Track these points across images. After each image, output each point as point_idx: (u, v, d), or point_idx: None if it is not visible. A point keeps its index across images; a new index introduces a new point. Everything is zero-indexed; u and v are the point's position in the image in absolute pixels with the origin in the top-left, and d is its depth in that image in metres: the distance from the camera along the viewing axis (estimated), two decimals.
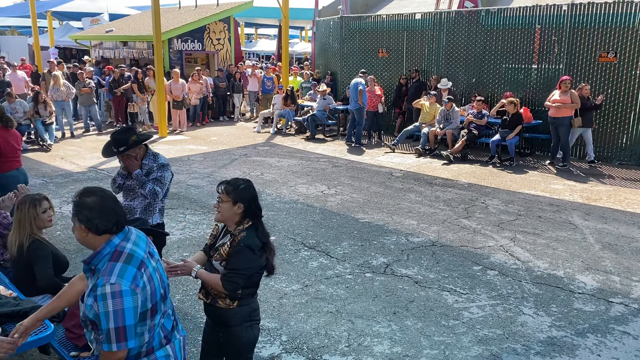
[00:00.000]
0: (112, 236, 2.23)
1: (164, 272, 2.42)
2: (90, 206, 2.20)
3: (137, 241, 2.30)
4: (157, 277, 2.30)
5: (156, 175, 4.21)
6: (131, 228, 2.37)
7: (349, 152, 11.49)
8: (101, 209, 2.20)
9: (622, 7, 9.72)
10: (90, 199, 2.21)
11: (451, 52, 12.24)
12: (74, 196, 2.26)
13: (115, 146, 4.01)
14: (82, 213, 2.19)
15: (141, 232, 2.42)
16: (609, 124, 10.23)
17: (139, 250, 2.25)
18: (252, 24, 34.66)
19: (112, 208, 2.23)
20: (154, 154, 4.27)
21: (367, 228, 6.67)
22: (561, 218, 7.07)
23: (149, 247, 2.39)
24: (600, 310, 4.61)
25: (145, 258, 2.27)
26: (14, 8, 30.66)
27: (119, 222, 2.24)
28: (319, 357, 3.92)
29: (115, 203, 2.27)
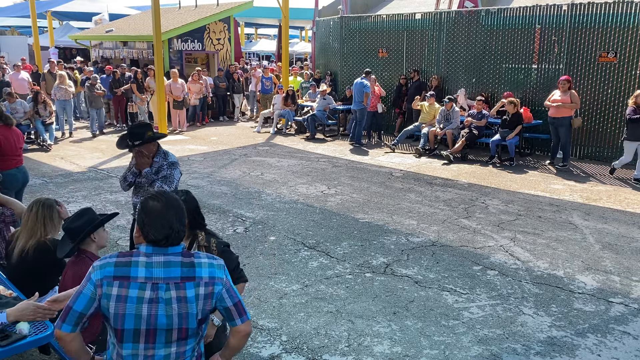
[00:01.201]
0: (144, 245, 2.14)
1: (163, 315, 2.08)
2: (149, 211, 2.12)
3: (155, 266, 2.10)
4: (143, 309, 2.06)
5: (165, 173, 4.28)
6: (173, 254, 2.14)
7: (349, 152, 11.49)
8: (157, 218, 2.10)
9: (622, 7, 9.72)
10: (152, 204, 2.13)
11: (451, 52, 12.24)
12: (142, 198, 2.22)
13: (131, 139, 4.09)
14: (139, 215, 2.14)
15: (177, 265, 2.14)
16: (609, 124, 10.22)
17: (140, 269, 2.08)
18: (252, 24, 34.66)
19: (168, 220, 2.10)
20: (164, 152, 4.35)
21: (367, 228, 6.66)
22: (561, 218, 7.07)
23: (172, 284, 2.10)
24: (600, 310, 4.61)
25: (139, 280, 2.06)
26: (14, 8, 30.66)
27: (171, 237, 2.11)
28: (319, 357, 3.92)
29: (176, 215, 2.13)
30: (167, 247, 2.13)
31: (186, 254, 2.18)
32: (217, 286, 2.16)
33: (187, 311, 2.11)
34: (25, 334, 2.96)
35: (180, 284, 2.10)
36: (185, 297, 2.10)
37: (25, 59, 21.11)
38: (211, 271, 2.17)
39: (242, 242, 6.15)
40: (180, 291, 2.10)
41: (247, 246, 6.04)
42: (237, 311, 2.25)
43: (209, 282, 2.14)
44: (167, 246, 2.12)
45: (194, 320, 2.13)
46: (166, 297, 2.07)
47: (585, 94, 10.33)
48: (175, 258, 2.13)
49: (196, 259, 2.16)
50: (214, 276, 2.16)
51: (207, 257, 2.22)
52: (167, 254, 2.12)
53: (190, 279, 2.12)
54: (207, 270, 2.16)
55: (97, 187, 8.44)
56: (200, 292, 2.13)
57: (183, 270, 2.12)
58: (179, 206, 2.17)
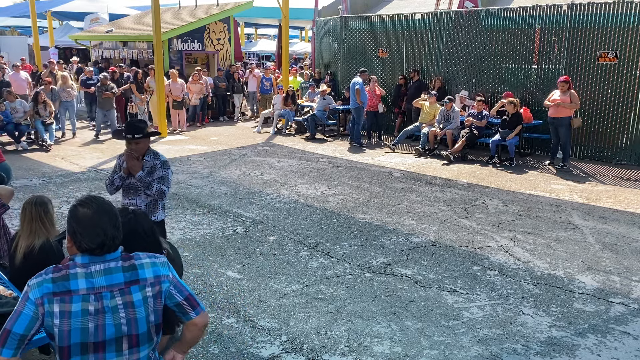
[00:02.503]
0: (80, 255, 2.02)
1: (111, 325, 1.99)
2: (79, 218, 2.00)
3: (96, 275, 1.98)
4: (89, 321, 1.96)
5: (161, 174, 4.28)
6: (112, 260, 2.04)
7: (349, 152, 11.49)
8: (89, 225, 1.98)
9: (622, 7, 9.71)
10: (82, 211, 2.01)
11: (451, 52, 12.24)
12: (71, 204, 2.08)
13: (131, 132, 4.10)
14: (69, 223, 2.02)
15: (118, 270, 2.04)
16: (609, 124, 10.22)
17: (80, 281, 1.96)
18: (252, 24, 34.68)
19: (102, 227, 1.99)
20: (154, 151, 4.35)
21: (367, 228, 6.66)
22: (561, 218, 7.07)
23: (117, 291, 2.01)
24: (600, 310, 4.61)
25: (81, 292, 1.95)
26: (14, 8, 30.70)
27: (106, 244, 2.00)
28: (319, 357, 3.92)
29: (109, 221, 2.03)
30: (103, 255, 2.02)
31: (125, 257, 2.08)
32: (164, 284, 2.10)
33: (135, 316, 2.03)
34: None
35: (124, 289, 2.01)
36: (132, 302, 2.02)
37: (25, 59, 21.12)
38: (155, 270, 2.09)
39: (242, 242, 6.15)
40: (126, 297, 2.01)
41: (247, 246, 6.04)
42: (189, 304, 2.18)
43: (154, 281, 2.07)
44: (103, 254, 2.02)
45: (144, 324, 2.05)
46: (112, 305, 1.98)
47: (585, 94, 10.33)
48: (115, 263, 2.03)
49: (137, 261, 2.08)
50: (159, 274, 2.09)
51: (148, 257, 2.13)
52: (106, 260, 2.02)
53: (135, 282, 2.03)
54: (151, 270, 2.08)
55: (97, 187, 8.44)
56: (147, 294, 2.05)
57: (125, 275, 2.03)
58: (111, 210, 2.06)
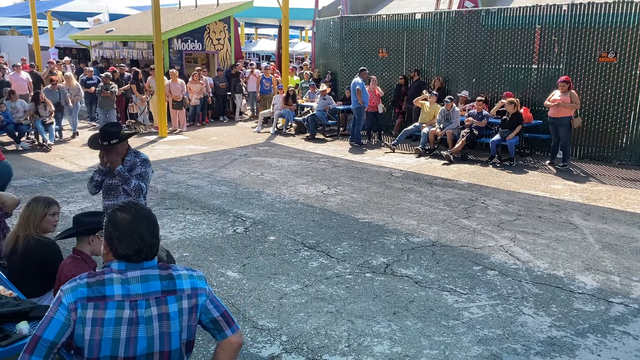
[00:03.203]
0: (116, 261, 1.97)
1: (143, 338, 1.92)
2: (117, 223, 1.95)
3: (132, 281, 1.93)
4: (121, 331, 1.88)
5: (140, 171, 4.29)
6: (149, 268, 1.98)
7: (349, 152, 11.49)
8: (127, 231, 1.94)
9: (622, 7, 9.72)
10: (121, 215, 1.97)
11: (451, 52, 12.24)
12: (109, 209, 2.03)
13: (107, 139, 4.09)
14: (107, 228, 1.98)
15: (155, 278, 1.98)
16: (609, 124, 10.22)
17: (116, 287, 1.90)
18: (252, 24, 34.69)
19: (139, 233, 1.94)
20: (135, 151, 4.36)
21: (367, 228, 6.66)
22: (561, 218, 7.07)
23: (153, 299, 1.94)
24: (600, 310, 4.61)
25: (116, 298, 1.89)
26: (14, 8, 30.68)
27: (143, 251, 1.95)
28: (319, 357, 3.91)
29: (148, 227, 1.97)
30: (141, 262, 1.96)
31: (163, 266, 2.03)
32: (201, 297, 2.02)
33: (169, 330, 1.95)
34: (25, 334, 2.96)
35: (161, 298, 1.94)
36: (168, 313, 1.94)
37: (25, 59, 21.12)
38: (192, 282, 2.03)
39: (242, 242, 6.15)
40: (162, 307, 1.94)
41: (247, 246, 6.04)
42: (225, 321, 2.09)
43: (191, 294, 2.00)
44: (140, 261, 1.96)
45: (177, 341, 1.98)
46: (146, 315, 1.91)
47: (585, 94, 10.33)
48: (152, 271, 1.97)
49: (174, 272, 2.02)
50: (196, 287, 2.03)
51: (186, 269, 2.08)
52: (143, 268, 1.96)
53: (172, 292, 1.96)
54: (189, 281, 2.02)
55: None
56: (183, 306, 1.98)
57: (163, 284, 1.96)
58: (151, 217, 2.01)
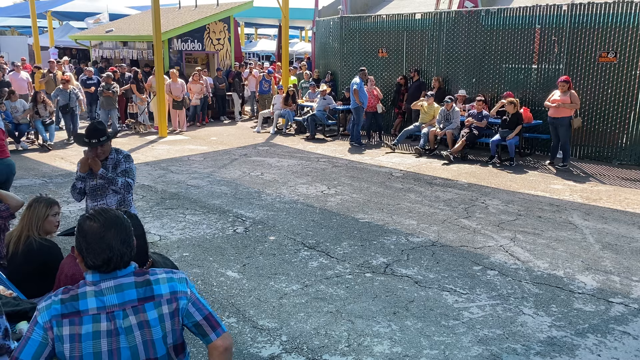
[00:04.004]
0: (90, 273, 1.90)
1: (126, 348, 1.88)
2: (85, 233, 1.89)
3: (106, 292, 1.86)
4: (101, 345, 1.84)
5: (124, 167, 4.29)
6: (124, 276, 1.91)
7: (349, 152, 11.49)
8: (94, 240, 1.87)
9: (622, 7, 9.72)
10: (88, 224, 1.90)
11: (451, 52, 12.24)
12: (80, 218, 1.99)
13: (95, 136, 4.08)
14: (77, 238, 1.92)
15: (130, 287, 1.92)
16: (609, 124, 10.22)
17: (90, 300, 1.85)
18: (252, 24, 34.69)
19: (107, 242, 1.86)
20: (115, 148, 4.36)
21: (367, 228, 6.66)
22: (561, 218, 7.07)
23: (130, 308, 1.89)
24: (600, 310, 4.61)
25: (90, 312, 1.84)
26: (14, 8, 30.68)
27: (112, 261, 1.87)
28: (319, 357, 3.91)
29: (117, 235, 1.90)
30: (114, 271, 1.89)
31: (139, 272, 1.95)
32: (182, 301, 1.95)
33: (151, 337, 1.89)
34: None
35: (138, 306, 1.88)
36: (147, 320, 1.88)
37: (25, 59, 21.12)
38: (172, 286, 1.95)
39: (242, 242, 6.15)
40: (140, 315, 1.87)
41: (247, 246, 6.04)
42: (209, 325, 2.00)
43: (171, 298, 1.93)
44: (110, 272, 1.88)
45: (163, 346, 1.92)
46: (125, 325, 1.85)
47: (585, 94, 10.33)
48: (127, 279, 1.90)
49: (152, 276, 1.94)
50: (175, 290, 1.95)
51: (165, 272, 1.99)
52: (117, 277, 1.89)
53: (149, 299, 1.90)
54: (167, 285, 1.94)
55: None
56: (163, 312, 1.91)
57: (139, 291, 1.89)
58: (122, 224, 1.91)
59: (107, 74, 13.35)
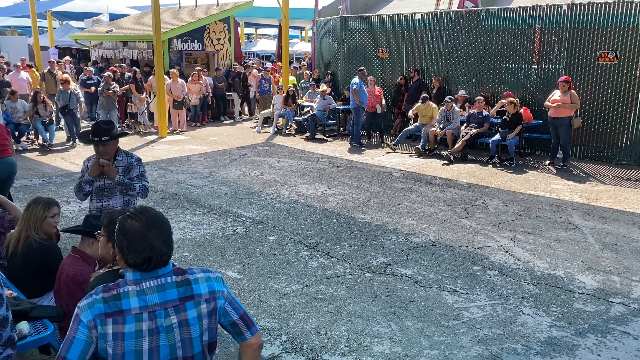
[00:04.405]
0: (131, 271, 1.95)
1: (165, 346, 1.93)
2: (126, 231, 1.93)
3: (148, 292, 1.91)
4: (143, 343, 1.89)
5: (139, 172, 4.28)
6: (164, 275, 1.96)
7: (349, 152, 11.49)
8: (136, 239, 1.91)
9: (622, 7, 9.72)
10: (130, 223, 1.93)
11: (451, 52, 12.24)
12: (120, 216, 2.01)
13: (98, 135, 4.06)
14: (117, 237, 1.95)
15: (172, 286, 1.96)
16: (609, 124, 10.22)
17: (133, 300, 1.89)
18: (252, 24, 34.68)
19: (148, 241, 1.91)
20: (124, 151, 4.34)
21: (367, 228, 6.66)
22: (561, 218, 7.07)
23: (171, 308, 1.94)
24: (600, 310, 4.61)
25: (133, 312, 1.88)
26: (14, 8, 30.68)
27: (153, 259, 1.91)
28: (319, 357, 3.92)
29: (158, 235, 1.93)
30: (154, 270, 1.93)
31: (178, 271, 2.00)
32: (219, 300, 2.02)
33: (189, 336, 1.96)
34: (25, 334, 2.96)
35: (179, 306, 1.94)
36: (187, 319, 1.95)
37: (25, 59, 21.12)
38: (210, 285, 2.02)
39: (242, 242, 6.15)
40: (181, 314, 1.94)
41: (247, 246, 6.04)
42: (244, 324, 2.09)
43: (209, 297, 2.00)
44: (150, 270, 1.92)
45: (199, 344, 1.99)
46: (166, 324, 1.91)
47: (585, 94, 10.33)
48: (168, 279, 1.95)
49: (190, 275, 2.00)
50: (214, 290, 2.02)
51: (203, 272, 2.05)
52: (158, 276, 1.94)
53: (190, 298, 1.96)
54: (206, 285, 2.01)
55: None
56: (202, 311, 1.98)
57: (179, 291, 1.95)
58: (162, 224, 1.96)
59: (107, 73, 13.35)
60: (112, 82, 12.93)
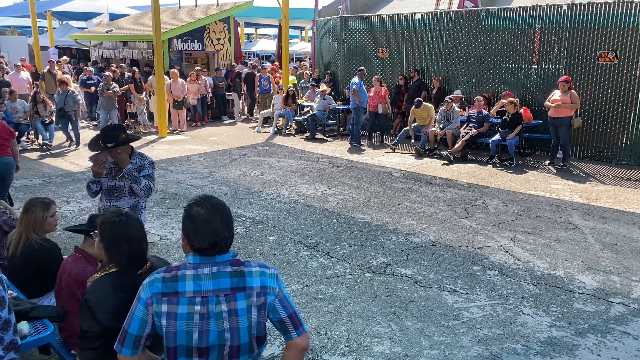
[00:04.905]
0: (192, 255, 2.06)
1: (214, 331, 2.01)
2: (193, 218, 2.04)
3: (204, 278, 2.01)
4: (193, 325, 1.99)
5: (148, 172, 4.30)
6: (221, 263, 2.06)
7: (348, 152, 11.49)
8: (202, 225, 2.02)
9: (622, 7, 9.72)
10: (196, 210, 2.05)
11: (451, 52, 12.24)
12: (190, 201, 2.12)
13: (104, 141, 4.07)
14: (184, 222, 2.07)
15: (225, 275, 2.05)
16: (609, 124, 10.22)
17: (188, 283, 2.00)
18: (252, 24, 34.66)
19: (214, 227, 2.02)
20: (139, 153, 4.34)
21: (367, 228, 6.66)
22: (561, 218, 7.07)
23: (223, 296, 2.02)
24: (600, 310, 4.61)
25: (187, 295, 1.99)
26: (14, 8, 30.67)
27: (217, 244, 2.03)
28: (319, 357, 3.92)
29: (222, 221, 2.05)
30: (214, 256, 2.04)
31: (235, 262, 2.08)
32: (269, 296, 2.07)
33: (237, 326, 2.02)
34: (25, 334, 2.96)
35: (230, 295, 2.01)
36: (236, 309, 2.01)
37: (25, 58, 21.12)
38: (262, 280, 2.07)
39: (242, 242, 6.15)
40: (231, 303, 2.01)
41: (247, 246, 6.04)
42: (292, 323, 2.13)
43: (260, 292, 2.05)
44: (214, 254, 2.04)
45: (246, 335, 2.04)
46: (216, 311, 1.99)
47: (585, 94, 10.33)
48: (224, 268, 2.04)
49: (246, 268, 2.07)
50: (265, 285, 2.07)
51: (259, 266, 2.11)
52: (215, 263, 2.04)
53: (241, 290, 2.03)
54: (259, 279, 2.07)
55: None
56: (252, 304, 2.03)
57: (233, 281, 2.03)
58: (225, 211, 2.07)
59: (107, 73, 13.34)
60: (111, 82, 12.92)
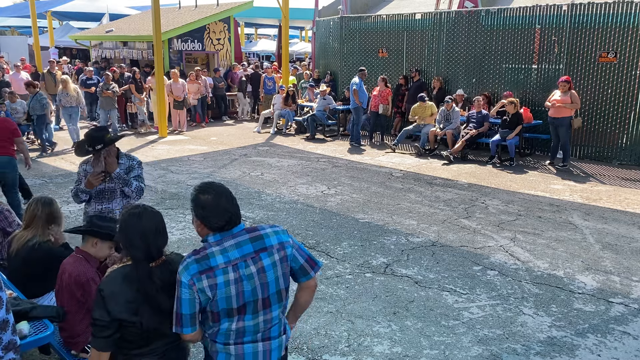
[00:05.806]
0: (212, 234, 2.32)
1: (248, 290, 2.29)
2: (204, 204, 2.31)
3: (229, 249, 2.29)
4: (231, 290, 2.26)
5: (137, 173, 4.23)
6: (239, 233, 2.35)
7: (349, 152, 11.49)
8: (214, 207, 2.29)
9: (622, 7, 9.72)
10: (204, 197, 2.32)
11: (451, 52, 12.24)
12: (192, 191, 2.37)
13: (91, 144, 3.98)
14: (197, 210, 2.33)
15: (246, 242, 2.33)
16: (609, 124, 10.22)
17: (218, 257, 2.27)
18: (252, 24, 34.66)
19: (224, 207, 2.31)
20: (126, 154, 4.29)
21: (367, 228, 6.66)
22: (561, 218, 7.07)
23: (250, 259, 2.30)
24: (600, 310, 4.61)
25: (220, 267, 2.25)
26: (14, 8, 30.70)
27: (232, 219, 2.32)
28: (319, 357, 3.92)
29: (228, 200, 2.33)
30: (231, 229, 2.32)
31: (250, 229, 2.37)
32: (288, 249, 2.39)
33: (266, 280, 2.32)
34: (25, 334, 2.96)
35: (255, 257, 2.30)
36: (263, 267, 2.31)
37: (25, 58, 21.12)
38: (278, 237, 2.38)
39: None
40: (258, 263, 2.30)
41: None
42: (309, 265, 2.46)
43: (279, 247, 2.36)
44: (231, 228, 2.32)
45: (274, 287, 2.34)
46: (247, 273, 2.27)
47: (585, 94, 10.33)
48: (242, 237, 2.32)
49: (262, 231, 2.37)
50: (282, 241, 2.38)
51: (270, 227, 2.41)
52: (234, 235, 2.32)
53: (263, 250, 2.33)
54: (275, 238, 2.37)
55: None
56: (275, 259, 2.34)
57: (254, 245, 2.32)
58: (227, 191, 2.36)
59: (106, 73, 13.34)
60: (111, 82, 12.91)
